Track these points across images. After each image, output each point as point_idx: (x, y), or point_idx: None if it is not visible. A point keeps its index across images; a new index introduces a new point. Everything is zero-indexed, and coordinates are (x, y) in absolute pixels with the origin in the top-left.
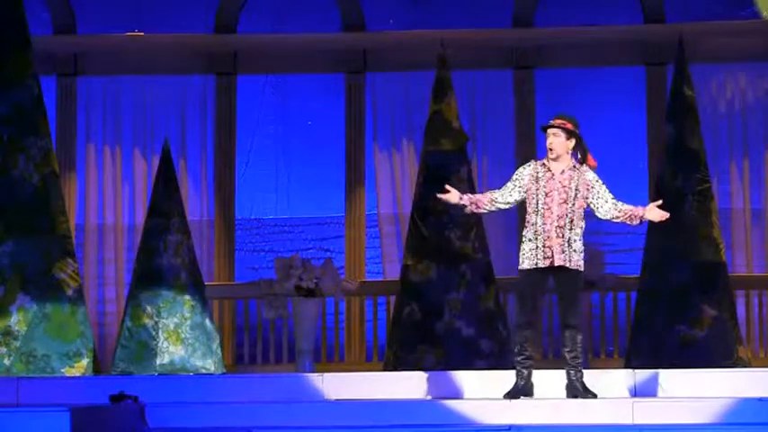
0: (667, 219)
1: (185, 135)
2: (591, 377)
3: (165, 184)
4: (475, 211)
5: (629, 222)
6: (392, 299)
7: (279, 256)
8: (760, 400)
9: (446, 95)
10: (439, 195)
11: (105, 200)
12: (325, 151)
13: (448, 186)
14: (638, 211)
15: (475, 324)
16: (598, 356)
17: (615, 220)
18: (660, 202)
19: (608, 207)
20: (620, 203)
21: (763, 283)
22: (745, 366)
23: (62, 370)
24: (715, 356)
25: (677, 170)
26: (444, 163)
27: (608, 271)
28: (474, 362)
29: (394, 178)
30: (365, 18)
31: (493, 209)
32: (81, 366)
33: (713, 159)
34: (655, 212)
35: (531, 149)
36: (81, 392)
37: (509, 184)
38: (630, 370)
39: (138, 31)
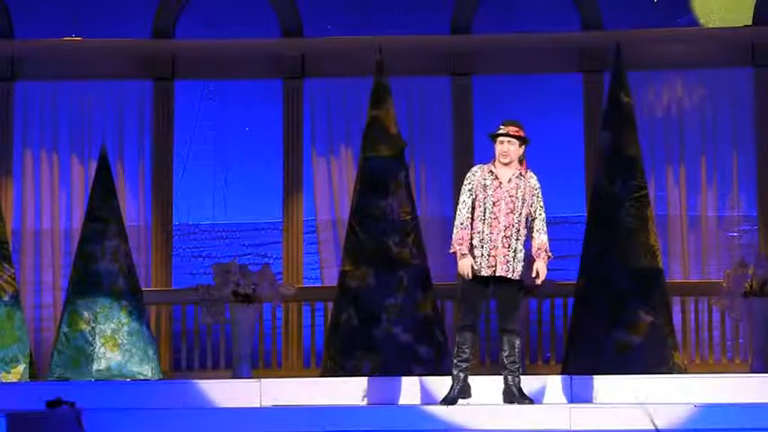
0: (540, 285)
1: (123, 140)
2: (528, 383)
3: (103, 189)
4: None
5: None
6: (330, 305)
7: (216, 261)
8: (696, 406)
9: (384, 101)
10: (465, 276)
11: (42, 205)
12: (262, 157)
13: (463, 268)
14: (538, 254)
15: (412, 330)
16: (535, 362)
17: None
18: (540, 281)
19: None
20: (541, 224)
21: (699, 290)
22: (681, 372)
23: None
24: (651, 362)
25: (614, 177)
26: (382, 169)
27: (545, 277)
28: (412, 368)
29: (332, 184)
30: (303, 24)
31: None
32: (17, 372)
33: (650, 166)
34: (542, 270)
35: (469, 155)
36: (17, 398)
37: (467, 201)
38: (567, 376)
39: (76, 36)
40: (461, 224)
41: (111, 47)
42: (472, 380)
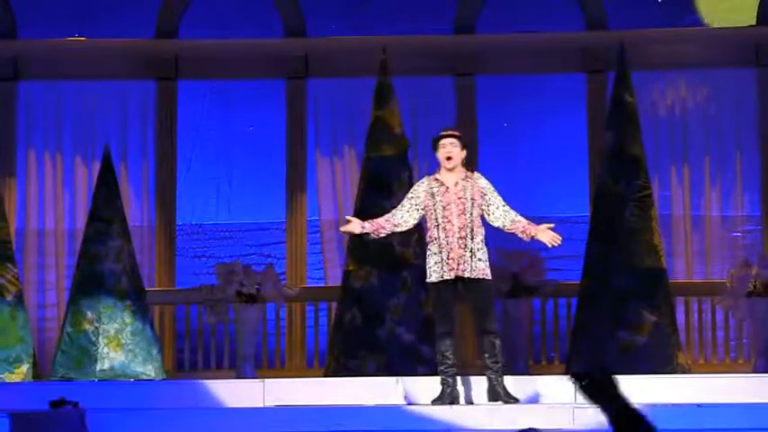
0: (559, 243)
1: (126, 140)
2: (531, 383)
3: (106, 189)
4: (377, 236)
5: (520, 236)
6: (334, 305)
7: (220, 261)
8: (698, 406)
9: (388, 101)
10: (341, 229)
11: (46, 205)
12: (266, 157)
13: (348, 217)
14: (531, 229)
15: (416, 330)
16: (539, 362)
17: (506, 230)
18: (553, 225)
19: (499, 214)
20: (513, 213)
21: (702, 290)
22: (685, 373)
23: (1, 376)
24: (655, 362)
25: (618, 177)
26: (386, 169)
27: (548, 277)
28: (415, 368)
29: (335, 184)
30: (306, 24)
31: (395, 231)
32: (21, 372)
33: (653, 166)
34: (547, 234)
35: (472, 156)
36: (21, 398)
37: (405, 204)
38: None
39: (80, 36)
40: (390, 215)
41: (114, 47)
42: (473, 380)
